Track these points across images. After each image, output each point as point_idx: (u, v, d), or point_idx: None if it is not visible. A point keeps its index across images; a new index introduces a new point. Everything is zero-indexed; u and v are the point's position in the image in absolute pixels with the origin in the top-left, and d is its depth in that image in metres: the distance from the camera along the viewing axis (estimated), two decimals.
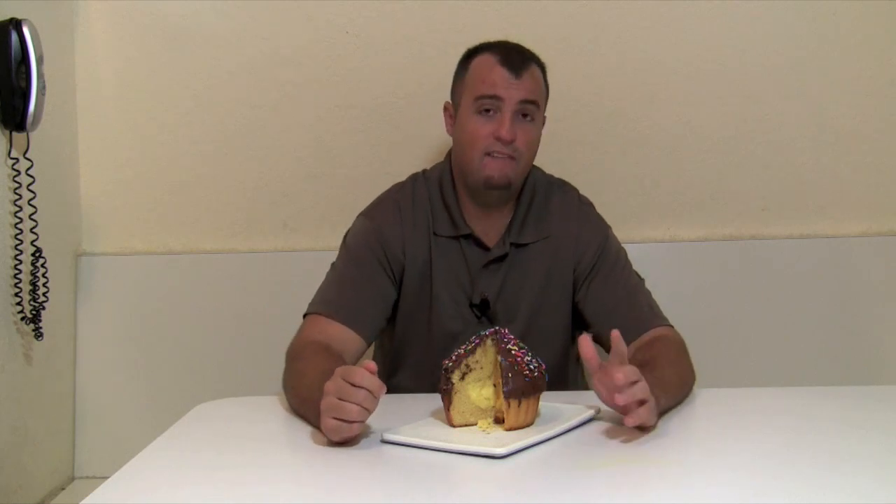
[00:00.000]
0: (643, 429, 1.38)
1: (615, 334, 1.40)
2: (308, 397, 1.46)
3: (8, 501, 1.93)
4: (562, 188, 1.84)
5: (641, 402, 1.35)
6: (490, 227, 1.76)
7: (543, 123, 1.78)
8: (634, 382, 1.35)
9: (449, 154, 1.81)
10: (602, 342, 1.73)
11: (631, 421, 1.33)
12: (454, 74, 1.77)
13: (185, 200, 2.28)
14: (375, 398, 1.32)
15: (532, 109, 1.70)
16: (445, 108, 1.79)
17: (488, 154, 1.68)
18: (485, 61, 1.72)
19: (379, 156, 2.25)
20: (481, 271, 1.75)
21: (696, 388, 1.60)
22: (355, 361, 1.65)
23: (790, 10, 2.19)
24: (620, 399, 1.33)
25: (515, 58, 1.71)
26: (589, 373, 1.44)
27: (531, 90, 1.69)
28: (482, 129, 1.69)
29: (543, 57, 2.15)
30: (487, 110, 1.68)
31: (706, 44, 2.21)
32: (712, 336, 2.16)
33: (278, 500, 1.21)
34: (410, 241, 1.75)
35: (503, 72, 1.68)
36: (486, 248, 1.76)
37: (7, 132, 1.92)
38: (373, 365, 1.33)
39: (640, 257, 1.87)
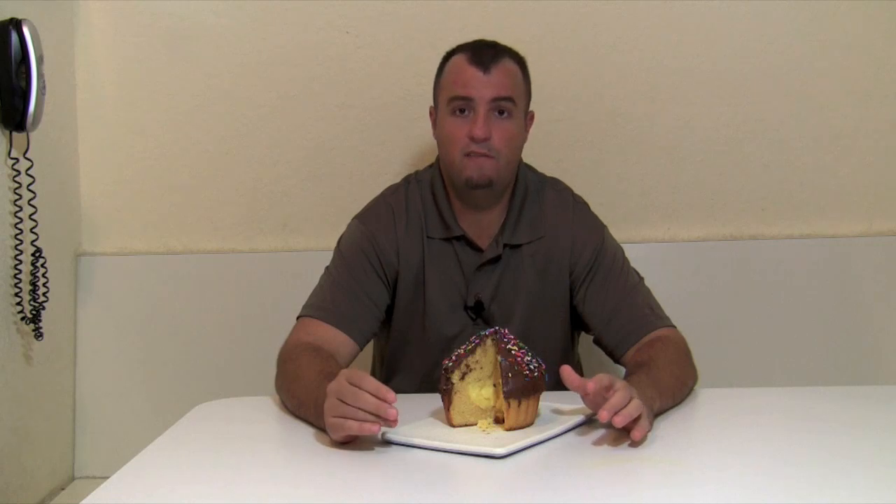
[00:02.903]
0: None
1: (592, 384, 1.36)
2: (305, 398, 1.46)
3: (8, 501, 1.93)
4: (555, 187, 1.82)
5: (636, 419, 1.34)
6: (483, 229, 1.75)
7: (531, 119, 1.77)
8: (630, 401, 1.34)
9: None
10: (603, 345, 1.73)
11: (637, 433, 1.32)
12: (434, 78, 1.77)
13: (185, 200, 2.28)
14: (383, 405, 1.29)
15: (508, 106, 1.68)
16: (430, 112, 1.79)
17: (467, 155, 1.67)
18: (456, 62, 1.71)
19: (379, 156, 2.25)
20: (475, 273, 1.75)
21: (696, 388, 1.60)
22: (347, 364, 1.65)
23: (790, 10, 2.19)
24: (619, 421, 1.31)
25: (485, 54, 1.69)
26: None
27: (503, 86, 1.67)
28: (458, 130, 1.68)
29: (544, 57, 2.16)
30: (462, 110, 1.68)
31: (706, 44, 2.21)
32: (712, 336, 2.15)
33: (278, 500, 1.21)
34: (404, 245, 1.75)
35: (472, 70, 1.67)
36: (479, 250, 1.75)
37: (7, 132, 1.92)
38: (393, 397, 1.31)
39: (639, 257, 1.86)
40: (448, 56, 1.74)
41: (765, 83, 2.21)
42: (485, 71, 1.67)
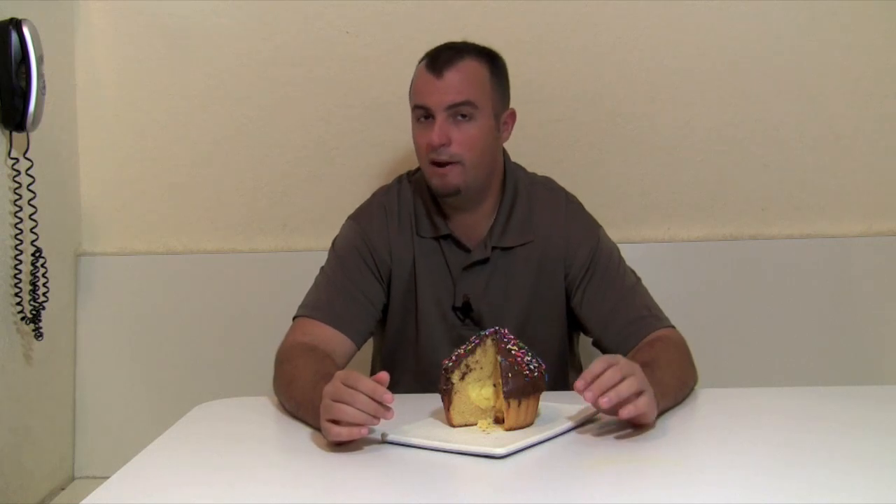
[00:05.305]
0: (641, 426, 1.38)
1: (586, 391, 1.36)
2: (303, 399, 1.46)
3: (8, 501, 1.93)
4: (547, 187, 1.81)
5: (638, 394, 1.34)
6: (471, 229, 1.74)
7: (512, 117, 1.75)
8: (623, 378, 1.34)
9: None
10: (602, 348, 1.72)
11: (625, 413, 1.32)
12: None
13: (185, 200, 2.28)
14: (375, 402, 1.31)
15: (467, 110, 1.65)
16: None
17: (432, 163, 1.67)
18: (418, 69, 1.71)
19: (379, 156, 2.25)
20: (463, 273, 1.74)
21: (696, 388, 1.60)
22: (345, 364, 1.66)
23: (790, 10, 2.19)
24: (605, 402, 1.32)
25: (441, 57, 1.67)
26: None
27: (459, 90, 1.65)
28: (420, 139, 1.68)
29: (544, 57, 2.15)
30: (426, 117, 1.67)
31: (706, 44, 2.21)
32: (712, 336, 2.15)
33: (278, 500, 1.21)
34: (397, 244, 1.75)
35: (428, 76, 1.66)
36: (467, 250, 1.74)
37: (7, 132, 1.92)
38: (384, 375, 1.33)
39: (639, 257, 1.86)
40: (419, 63, 1.73)
41: (765, 83, 2.21)
42: (438, 76, 1.65)
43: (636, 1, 2.20)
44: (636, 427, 1.38)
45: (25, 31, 1.87)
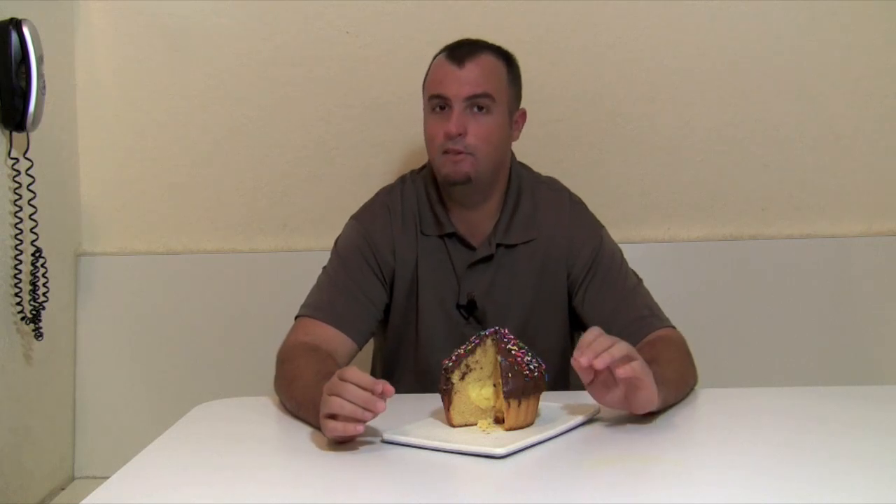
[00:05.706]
0: (643, 416, 1.39)
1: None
2: (304, 399, 1.45)
3: (8, 501, 1.93)
4: (551, 187, 1.82)
5: (630, 359, 1.35)
6: (476, 227, 1.75)
7: (523, 117, 1.77)
8: (614, 344, 1.35)
9: None
10: None
11: (623, 372, 1.33)
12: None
13: (185, 200, 2.28)
14: (371, 396, 1.30)
15: (485, 102, 1.67)
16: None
17: (444, 152, 1.67)
18: (436, 60, 1.73)
19: (379, 156, 2.25)
20: (467, 271, 1.75)
21: (696, 388, 1.60)
22: (346, 364, 1.65)
23: (790, 10, 2.20)
24: (600, 363, 1.32)
25: (462, 48, 1.70)
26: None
27: (478, 82, 1.67)
28: (435, 128, 1.69)
29: (544, 57, 2.15)
30: (442, 108, 1.68)
31: (706, 44, 2.21)
32: (712, 336, 2.15)
33: (278, 500, 1.21)
34: (400, 244, 1.75)
35: (448, 66, 1.68)
36: (471, 248, 1.75)
37: (7, 132, 1.92)
38: (390, 389, 1.32)
39: (640, 257, 1.86)
40: (435, 56, 1.75)
41: (765, 83, 2.21)
42: (459, 66, 1.67)
43: (636, 1, 2.20)
44: (640, 416, 1.39)
45: (25, 31, 1.87)
